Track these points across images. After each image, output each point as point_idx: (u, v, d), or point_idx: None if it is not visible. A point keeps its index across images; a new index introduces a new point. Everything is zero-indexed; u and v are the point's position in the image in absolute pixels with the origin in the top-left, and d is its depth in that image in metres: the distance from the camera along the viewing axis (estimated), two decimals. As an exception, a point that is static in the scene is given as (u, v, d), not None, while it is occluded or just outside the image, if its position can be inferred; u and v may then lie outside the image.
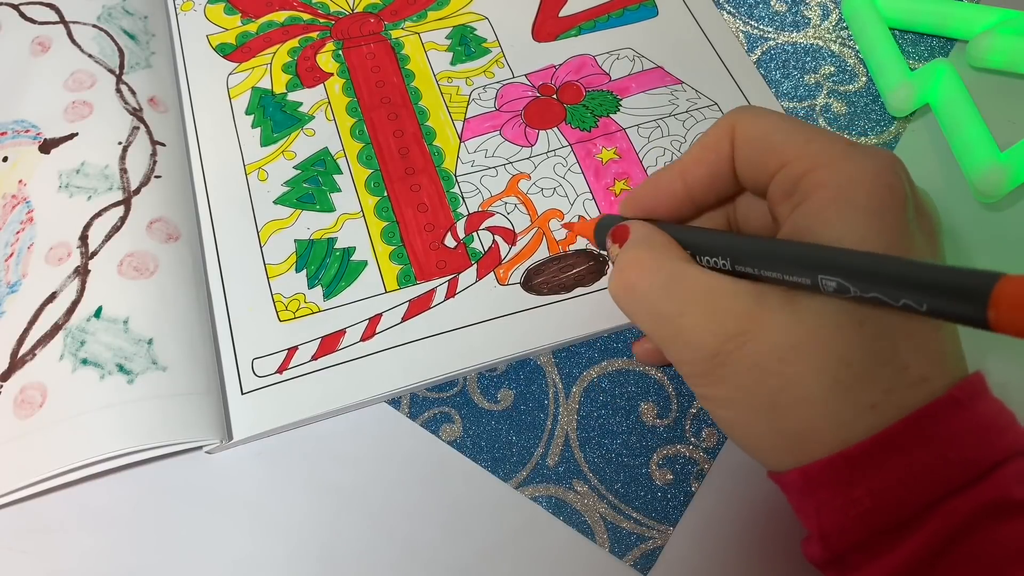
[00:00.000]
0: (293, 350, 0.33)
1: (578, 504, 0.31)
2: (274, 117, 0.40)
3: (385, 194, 0.37)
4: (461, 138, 0.39)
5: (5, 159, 0.36)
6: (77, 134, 0.36)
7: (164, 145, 0.37)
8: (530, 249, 0.36)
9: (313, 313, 0.34)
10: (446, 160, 0.38)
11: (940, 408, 0.21)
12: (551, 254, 0.36)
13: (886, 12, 0.42)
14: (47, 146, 0.36)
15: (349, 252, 0.36)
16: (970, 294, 0.17)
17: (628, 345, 0.34)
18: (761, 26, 0.44)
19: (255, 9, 0.44)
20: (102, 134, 0.36)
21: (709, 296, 0.22)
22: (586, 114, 0.40)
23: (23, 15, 0.40)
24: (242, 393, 0.32)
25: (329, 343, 0.34)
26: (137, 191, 0.35)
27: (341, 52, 0.42)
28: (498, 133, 0.39)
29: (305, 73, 0.41)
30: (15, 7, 0.40)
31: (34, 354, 0.31)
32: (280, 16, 0.43)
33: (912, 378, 0.21)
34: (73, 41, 0.39)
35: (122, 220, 0.34)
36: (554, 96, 0.41)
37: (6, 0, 0.40)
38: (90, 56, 0.38)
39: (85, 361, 0.30)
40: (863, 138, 0.40)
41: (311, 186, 0.38)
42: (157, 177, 0.36)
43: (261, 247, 0.36)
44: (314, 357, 0.33)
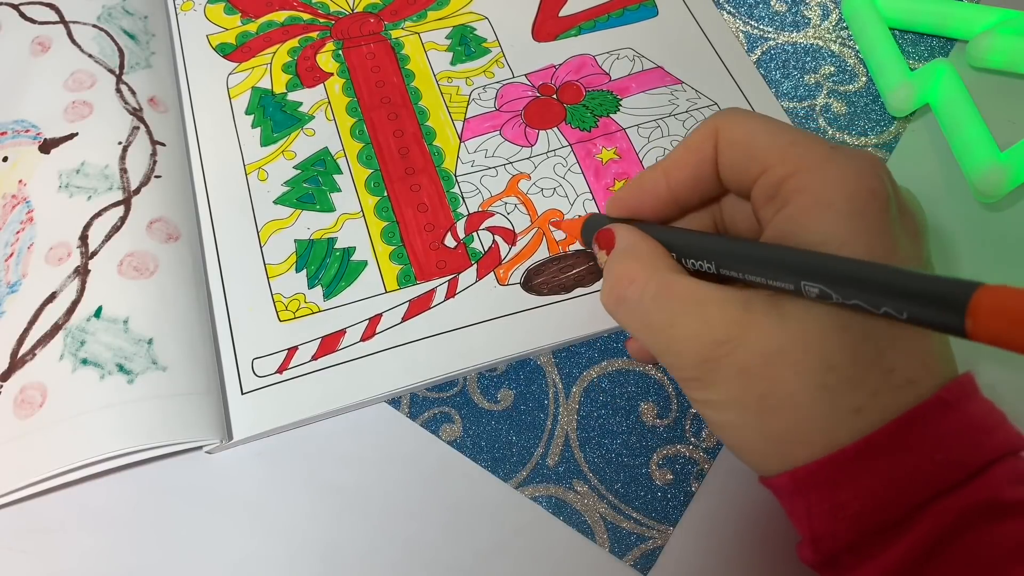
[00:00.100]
0: (293, 350, 0.33)
1: (578, 504, 0.31)
2: (274, 117, 0.40)
3: (385, 194, 0.37)
4: (461, 138, 0.39)
5: (5, 159, 0.36)
6: (77, 134, 0.36)
7: (164, 145, 0.37)
8: (530, 249, 0.36)
9: (313, 313, 0.34)
10: (446, 160, 0.38)
11: (928, 410, 0.21)
12: (551, 254, 0.36)
13: (886, 12, 0.42)
14: (47, 146, 0.36)
15: (349, 252, 0.36)
16: (949, 303, 0.17)
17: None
18: (761, 26, 0.44)
19: (255, 9, 0.44)
20: (102, 134, 0.36)
21: (698, 306, 0.22)
22: (586, 114, 0.40)
23: (23, 15, 0.40)
24: (242, 393, 0.32)
25: (329, 343, 0.34)
26: (137, 191, 0.35)
27: (341, 52, 0.42)
28: (498, 133, 0.39)
29: (305, 73, 0.41)
30: (15, 7, 0.40)
31: (34, 354, 0.31)
32: (280, 16, 0.43)
33: (898, 381, 0.21)
34: (73, 41, 0.39)
35: (122, 220, 0.34)
36: (554, 96, 0.41)
37: (6, 0, 0.40)
38: (90, 56, 0.38)
39: (85, 361, 0.30)
40: (863, 138, 0.40)
41: (311, 186, 0.38)
42: (157, 177, 0.36)
43: (261, 247, 0.36)
44: (314, 357, 0.33)
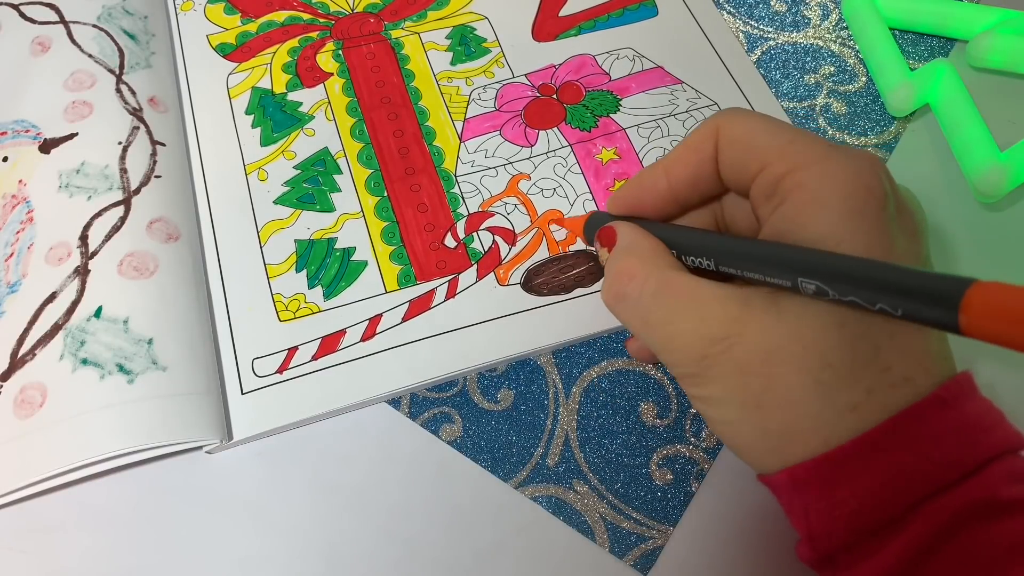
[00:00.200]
0: (293, 350, 0.33)
1: (578, 504, 0.31)
2: (274, 117, 0.40)
3: (385, 194, 0.37)
4: (461, 138, 0.39)
5: (5, 159, 0.36)
6: (77, 134, 0.36)
7: (164, 145, 0.37)
8: (530, 249, 0.36)
9: (313, 313, 0.34)
10: (446, 160, 0.38)
11: (924, 408, 0.21)
12: (551, 255, 0.36)
13: (886, 12, 0.42)
14: (47, 146, 0.36)
15: (349, 252, 0.36)
16: (942, 299, 0.18)
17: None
18: (761, 26, 0.44)
19: (255, 9, 0.44)
20: (102, 134, 0.36)
21: (697, 303, 0.23)
22: (586, 114, 0.40)
23: (23, 15, 0.40)
24: (242, 393, 0.32)
25: (329, 343, 0.34)
26: (137, 191, 0.35)
27: (341, 52, 0.42)
28: (498, 133, 0.39)
29: (305, 73, 0.41)
30: (15, 7, 0.40)
31: (34, 354, 0.31)
32: (280, 16, 0.43)
33: (895, 378, 0.21)
34: (73, 41, 0.39)
35: (122, 220, 0.34)
36: (554, 96, 0.41)
37: (6, 0, 0.40)
38: (90, 56, 0.38)
39: (85, 361, 0.30)
40: (863, 138, 0.40)
41: (311, 186, 0.38)
42: (157, 177, 0.36)
43: (261, 247, 0.36)
44: (314, 357, 0.33)
